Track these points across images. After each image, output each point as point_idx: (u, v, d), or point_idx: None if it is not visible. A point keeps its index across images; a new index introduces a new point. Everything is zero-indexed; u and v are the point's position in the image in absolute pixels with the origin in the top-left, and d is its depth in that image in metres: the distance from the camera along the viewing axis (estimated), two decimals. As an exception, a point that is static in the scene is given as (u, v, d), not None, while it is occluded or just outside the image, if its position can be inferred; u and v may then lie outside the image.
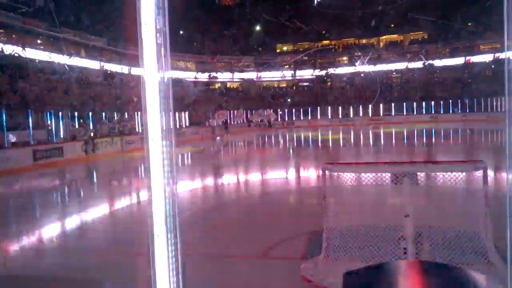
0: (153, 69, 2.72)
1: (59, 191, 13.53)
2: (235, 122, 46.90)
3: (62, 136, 22.09)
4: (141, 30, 2.64)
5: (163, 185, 2.97)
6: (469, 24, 51.67)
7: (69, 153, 19.44)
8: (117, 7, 32.36)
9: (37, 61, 33.10)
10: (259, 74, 60.55)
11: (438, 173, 5.41)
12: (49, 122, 22.22)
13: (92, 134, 22.14)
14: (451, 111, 46.06)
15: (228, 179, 14.02)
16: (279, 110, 50.55)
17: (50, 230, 8.03)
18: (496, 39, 46.16)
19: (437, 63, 54.65)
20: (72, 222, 8.69)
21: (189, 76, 55.39)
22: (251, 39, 57.81)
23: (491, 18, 40.74)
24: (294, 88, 60.49)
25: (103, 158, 21.12)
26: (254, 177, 14.35)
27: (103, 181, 15.32)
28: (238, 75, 60.58)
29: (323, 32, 58.93)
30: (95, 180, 16.21)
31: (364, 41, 60.10)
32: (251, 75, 60.72)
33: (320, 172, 5.42)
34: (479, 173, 4.73)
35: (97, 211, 9.48)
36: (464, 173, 4.79)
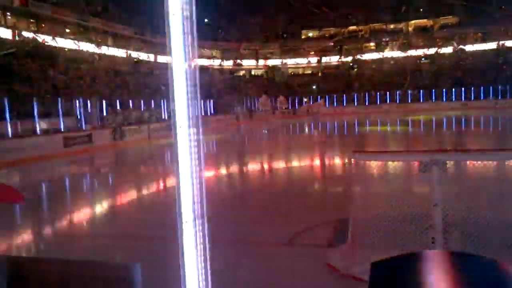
0: (180, 58, 2.74)
1: (90, 177, 13.92)
2: (262, 109, 46.74)
3: (90, 123, 22.61)
4: (168, 19, 2.66)
5: (190, 172, 3.02)
6: (502, 7, 49.49)
7: (98, 140, 19.92)
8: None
9: (66, 49, 33.86)
10: (285, 61, 60.02)
11: (469, 162, 5.27)
12: (78, 109, 22.77)
13: (120, 122, 22.59)
14: (482, 98, 44.48)
15: (254, 166, 14.07)
16: (304, 97, 50.01)
17: (81, 215, 8.30)
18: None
19: (469, 48, 52.80)
20: (103, 207, 8.95)
21: (215, 64, 55.50)
22: (276, 25, 57.28)
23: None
24: (320, 75, 59.71)
25: (131, 145, 21.55)
26: (280, 164, 14.35)
27: (132, 167, 15.65)
28: (263, 62, 60.24)
29: (350, 17, 57.71)
30: (124, 166, 16.57)
31: (392, 26, 58.54)
32: (276, 62, 60.30)
33: (347, 160, 5.36)
34: (511, 163, 4.58)
35: (127, 197, 9.72)
36: (495, 162, 4.65)
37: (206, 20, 48.22)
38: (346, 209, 4.85)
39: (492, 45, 51.17)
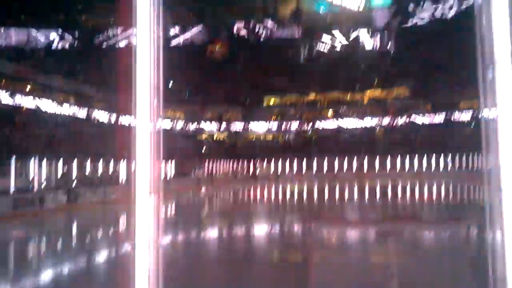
0: (145, 120, 2.74)
1: (33, 241, 13.01)
2: (221, 173, 46.68)
3: (44, 184, 21.59)
4: (135, 82, 2.68)
5: (147, 239, 2.88)
6: (449, 83, 53.95)
7: (51, 202, 18.93)
8: (111, 58, 33.12)
9: (24, 108, 33.06)
10: (246, 125, 61.25)
11: (422, 231, 5.39)
12: (31, 170, 21.78)
13: (74, 183, 21.73)
14: (433, 168, 46.67)
15: (211, 233, 13.72)
16: (265, 161, 50.61)
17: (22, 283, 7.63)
18: (474, 98, 48.11)
19: (419, 119, 56.21)
20: (48, 276, 8.29)
21: (177, 126, 55.72)
22: (239, 92, 59.04)
23: (468, 80, 42.67)
24: (280, 140, 61.13)
25: (84, 209, 20.56)
26: (237, 231, 14.07)
27: (82, 232, 14.83)
28: (225, 126, 61.14)
29: (309, 87, 60.66)
30: (72, 231, 15.67)
31: (348, 96, 61.89)
32: (238, 126, 61.38)
33: (304, 227, 5.35)
34: (463, 232, 4.72)
35: (74, 265, 9.09)
36: (448, 232, 4.78)
37: (170, 84, 49.08)
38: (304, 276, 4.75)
39: (440, 118, 54.73)
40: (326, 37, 26.67)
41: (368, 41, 28.48)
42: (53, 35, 37.75)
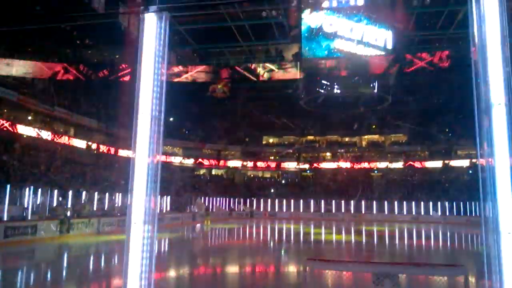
0: (144, 153, 2.82)
1: (21, 272, 12.74)
2: (218, 209, 46.27)
3: (37, 213, 21.40)
4: (137, 116, 2.79)
5: (139, 272, 2.90)
6: (446, 130, 54.67)
7: (43, 232, 18.67)
8: (112, 91, 33.64)
9: (24, 136, 33.23)
10: (245, 163, 61.41)
11: (419, 276, 5.35)
12: (26, 198, 21.66)
13: (68, 214, 21.52)
14: (431, 213, 46.42)
15: (204, 270, 13.48)
16: (262, 200, 50.32)
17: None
18: (470, 146, 48.64)
19: (417, 165, 56.51)
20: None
21: (175, 161, 55.77)
22: (239, 130, 59.62)
23: (465, 127, 43.27)
24: (278, 179, 61.16)
25: (77, 239, 20.26)
26: (231, 269, 13.84)
27: (72, 264, 14.54)
28: (223, 163, 61.32)
29: (308, 128, 61.36)
30: (63, 263, 15.38)
31: (346, 139, 62.46)
32: (236, 163, 61.51)
33: (301, 268, 5.30)
34: (460, 278, 4.69)
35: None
36: (445, 277, 4.74)
37: (171, 119, 49.57)
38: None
39: (438, 164, 55.03)
40: (326, 81, 27.44)
41: (367, 86, 29.36)
42: (57, 67, 38.56)
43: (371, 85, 27.25)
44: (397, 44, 20.91)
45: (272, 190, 55.04)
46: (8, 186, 19.61)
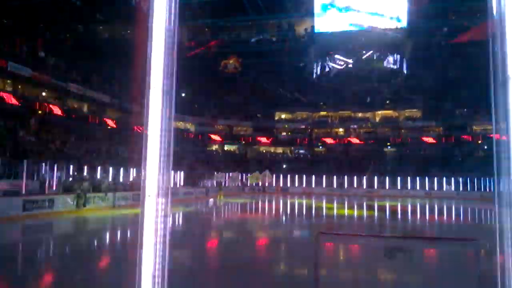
0: (157, 128, 2.83)
1: (39, 245, 13.14)
2: (231, 185, 46.72)
3: (54, 187, 21.89)
4: (149, 91, 2.79)
5: (153, 243, 2.95)
6: (461, 105, 53.74)
7: (60, 206, 19.14)
8: (124, 66, 33.64)
9: (39, 112, 33.66)
10: (256, 138, 61.54)
11: (431, 249, 5.37)
12: (43, 172, 22.12)
13: (85, 188, 21.95)
14: (445, 188, 46.23)
15: (217, 242, 13.72)
16: (274, 175, 50.59)
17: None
18: (485, 121, 47.84)
19: (430, 140, 55.93)
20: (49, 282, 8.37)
21: (188, 136, 56.08)
22: (251, 105, 59.46)
23: (480, 102, 42.44)
24: (290, 154, 61.18)
25: (93, 213, 20.74)
26: (243, 242, 14.05)
27: (89, 238, 14.93)
28: (236, 138, 61.53)
29: (321, 103, 60.81)
30: (81, 236, 15.80)
31: (360, 114, 61.82)
32: (248, 139, 61.68)
33: (314, 241, 5.34)
34: (472, 251, 4.69)
35: (79, 271, 9.16)
36: (457, 250, 4.75)
37: (183, 94, 49.54)
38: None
39: (452, 139, 54.44)
40: (340, 55, 26.88)
41: (382, 60, 28.74)
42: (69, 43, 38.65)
43: (386, 59, 26.80)
44: (412, 16, 20.39)
45: (284, 166, 55.22)
46: (24, 161, 19.99)
